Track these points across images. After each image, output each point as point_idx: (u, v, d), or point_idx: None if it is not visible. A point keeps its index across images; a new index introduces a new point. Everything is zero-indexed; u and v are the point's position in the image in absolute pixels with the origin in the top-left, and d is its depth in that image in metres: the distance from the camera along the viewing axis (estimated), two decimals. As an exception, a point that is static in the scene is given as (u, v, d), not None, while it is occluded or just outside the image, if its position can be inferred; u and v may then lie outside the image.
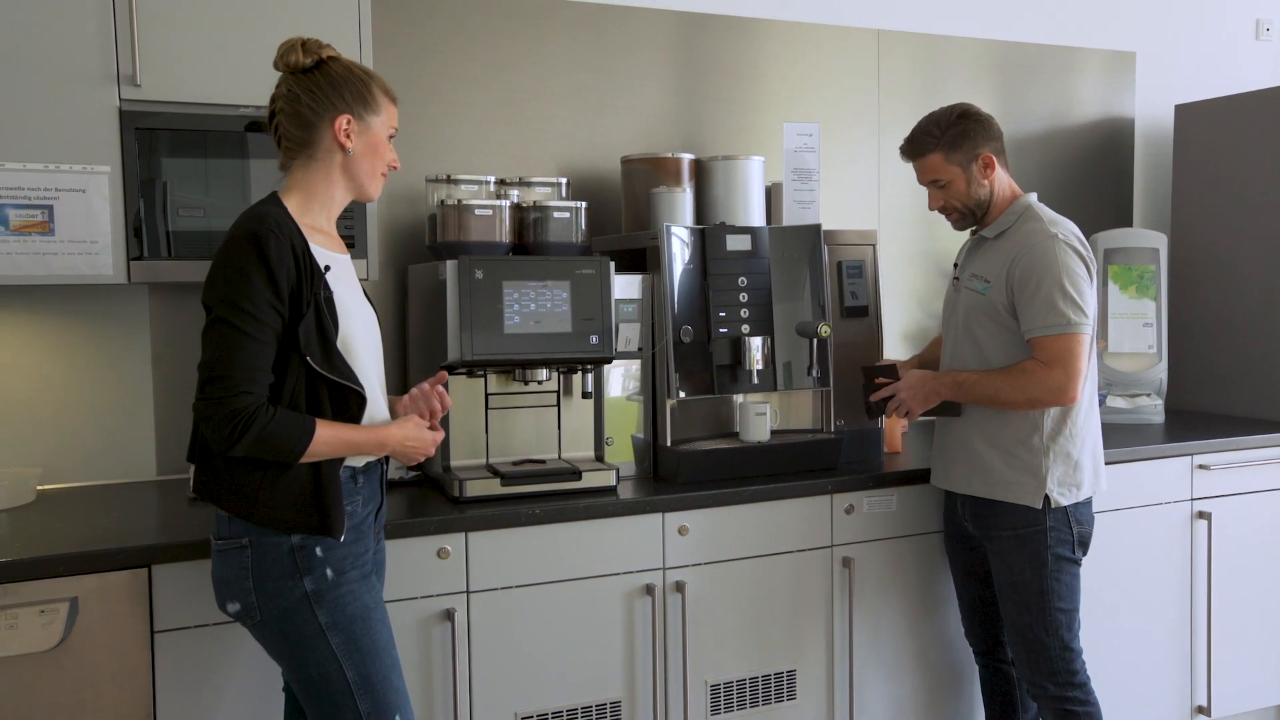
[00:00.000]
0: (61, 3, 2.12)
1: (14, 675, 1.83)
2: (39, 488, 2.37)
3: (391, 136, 1.87)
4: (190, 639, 1.95)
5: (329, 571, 1.73)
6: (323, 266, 1.74)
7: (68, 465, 2.47)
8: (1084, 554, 2.35)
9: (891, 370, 2.45)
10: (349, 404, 1.76)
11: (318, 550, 1.72)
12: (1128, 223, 3.68)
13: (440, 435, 1.87)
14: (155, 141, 2.21)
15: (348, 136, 1.78)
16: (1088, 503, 2.35)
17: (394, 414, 1.91)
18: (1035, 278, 2.22)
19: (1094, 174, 3.64)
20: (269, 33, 2.21)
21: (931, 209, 2.43)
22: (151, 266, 2.22)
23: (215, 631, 1.97)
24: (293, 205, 1.78)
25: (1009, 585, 2.34)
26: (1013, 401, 2.25)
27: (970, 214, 2.39)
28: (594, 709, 2.30)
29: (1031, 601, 2.30)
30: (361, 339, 1.80)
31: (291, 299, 1.69)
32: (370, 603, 1.78)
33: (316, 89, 1.77)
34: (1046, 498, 2.27)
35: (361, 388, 1.77)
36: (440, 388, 1.93)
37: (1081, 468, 2.31)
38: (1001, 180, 2.37)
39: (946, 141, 2.33)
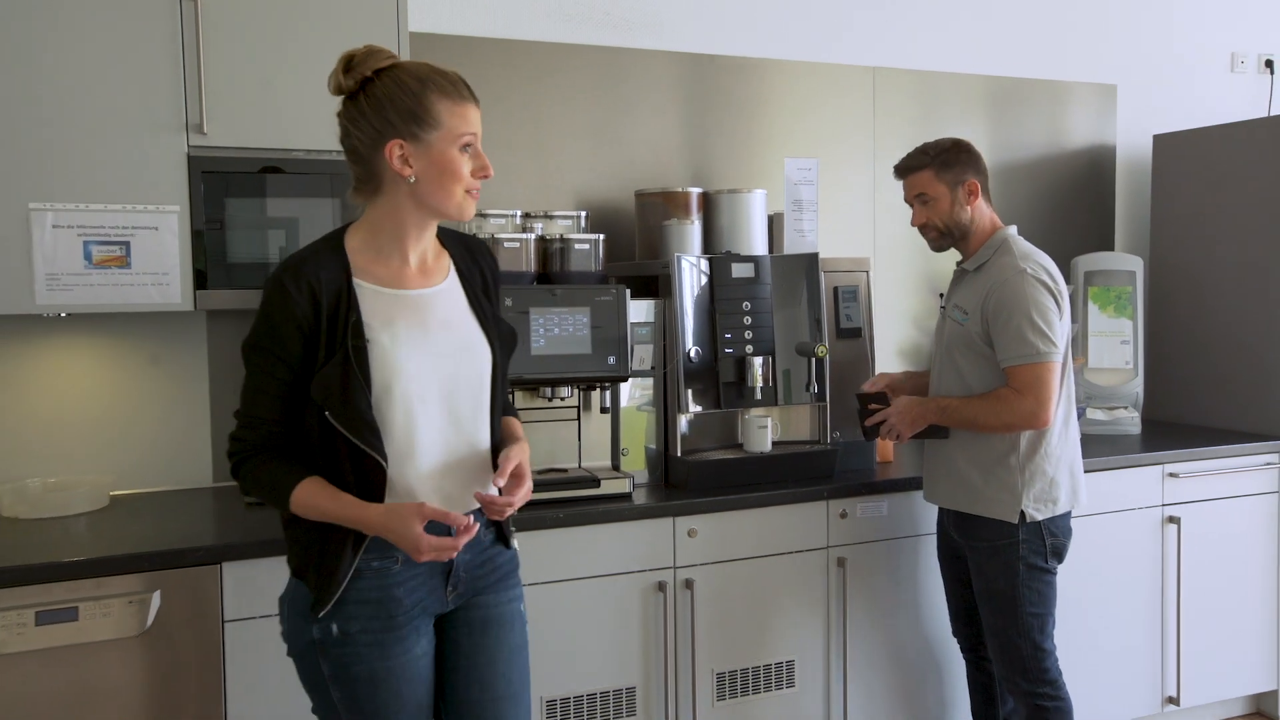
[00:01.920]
0: (138, 60, 2.37)
1: (107, 657, 2.08)
2: (111, 493, 2.62)
3: (467, 144, 1.67)
4: (256, 628, 2.20)
5: (334, 628, 1.67)
6: (364, 310, 1.64)
7: (135, 473, 2.72)
8: (1058, 563, 2.52)
9: (882, 397, 2.59)
10: (366, 468, 1.63)
11: (331, 601, 1.67)
12: (1110, 246, 3.91)
13: (454, 543, 1.60)
14: (218, 183, 2.47)
15: (405, 163, 1.64)
16: (1064, 515, 2.52)
17: (494, 461, 1.75)
18: (1006, 311, 2.39)
19: (1078, 200, 3.87)
20: (316, 82, 2.48)
21: (914, 224, 2.58)
22: (213, 296, 2.47)
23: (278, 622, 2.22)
24: (356, 240, 1.70)
25: (985, 592, 2.53)
26: (990, 426, 2.43)
27: (948, 234, 2.54)
28: (612, 694, 2.54)
29: (1005, 607, 2.49)
30: (412, 391, 1.65)
31: (312, 344, 1.62)
32: (382, 670, 1.66)
33: (361, 117, 1.65)
34: (1022, 513, 2.44)
35: (379, 453, 1.62)
36: (508, 487, 1.71)
37: (1058, 484, 2.48)
38: (983, 211, 2.54)
39: (938, 161, 2.51)
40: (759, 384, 2.75)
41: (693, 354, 2.72)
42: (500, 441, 1.80)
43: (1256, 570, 3.31)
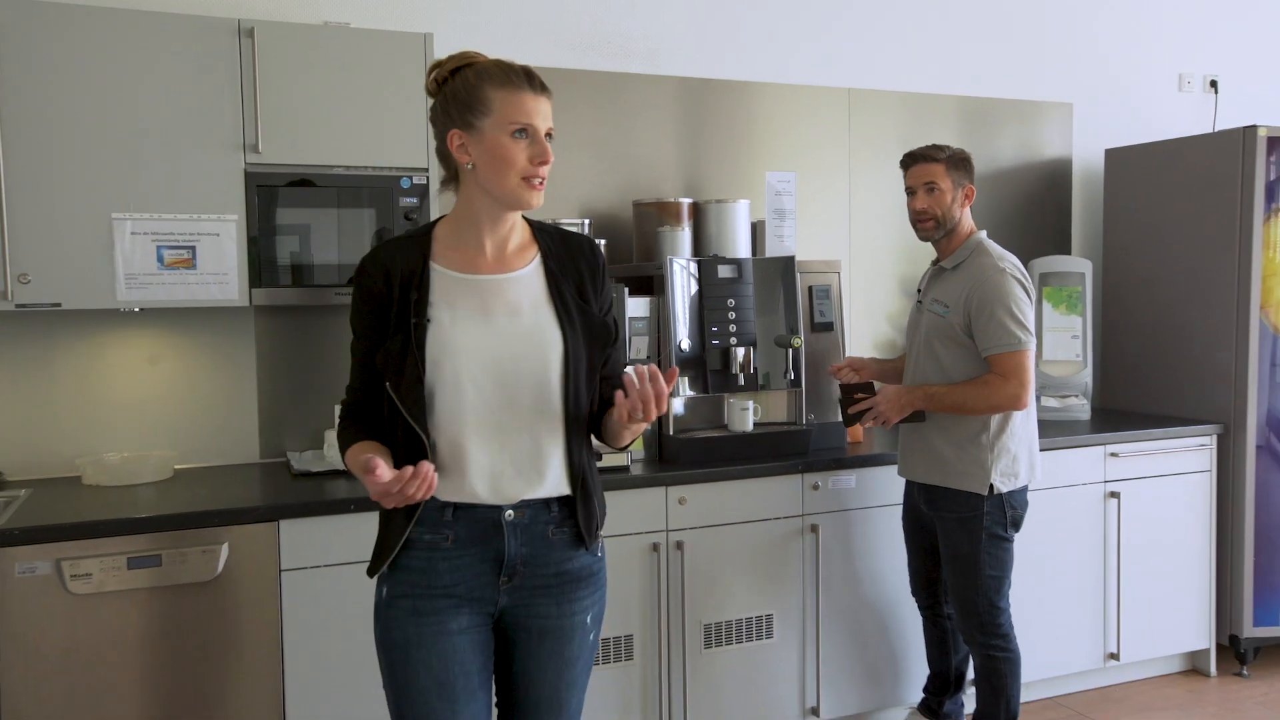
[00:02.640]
0: (204, 89, 2.74)
1: (185, 598, 2.46)
2: (175, 466, 3.00)
3: (522, 129, 1.71)
4: (308, 576, 2.58)
5: (385, 590, 1.78)
6: (432, 291, 1.74)
7: (193, 449, 3.09)
8: (1016, 532, 2.87)
9: (869, 387, 2.88)
10: (414, 437, 1.72)
11: (385, 567, 1.78)
12: (1067, 250, 4.28)
13: (409, 479, 1.58)
14: (270, 195, 2.84)
15: (464, 151, 1.74)
16: (1023, 489, 2.88)
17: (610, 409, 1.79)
18: (990, 305, 2.70)
19: (1038, 207, 4.24)
20: (354, 108, 2.86)
21: (917, 208, 2.85)
22: (266, 293, 2.84)
23: (326, 572, 2.59)
24: (446, 226, 1.83)
25: (951, 556, 2.86)
26: (977, 409, 2.73)
27: (940, 226, 2.84)
28: (613, 641, 2.91)
29: (968, 569, 2.82)
30: (462, 369, 1.72)
31: (384, 319, 1.75)
32: (415, 637, 1.73)
33: (435, 114, 1.79)
34: (991, 485, 2.78)
35: (421, 426, 1.70)
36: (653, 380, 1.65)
37: (1019, 460, 2.83)
38: (967, 215, 2.91)
39: (952, 160, 2.84)
40: (742, 371, 3.12)
41: (683, 345, 3.09)
42: (591, 422, 1.84)
43: (1191, 540, 3.68)
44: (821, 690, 3.16)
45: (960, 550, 2.83)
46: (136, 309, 2.81)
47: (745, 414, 3.14)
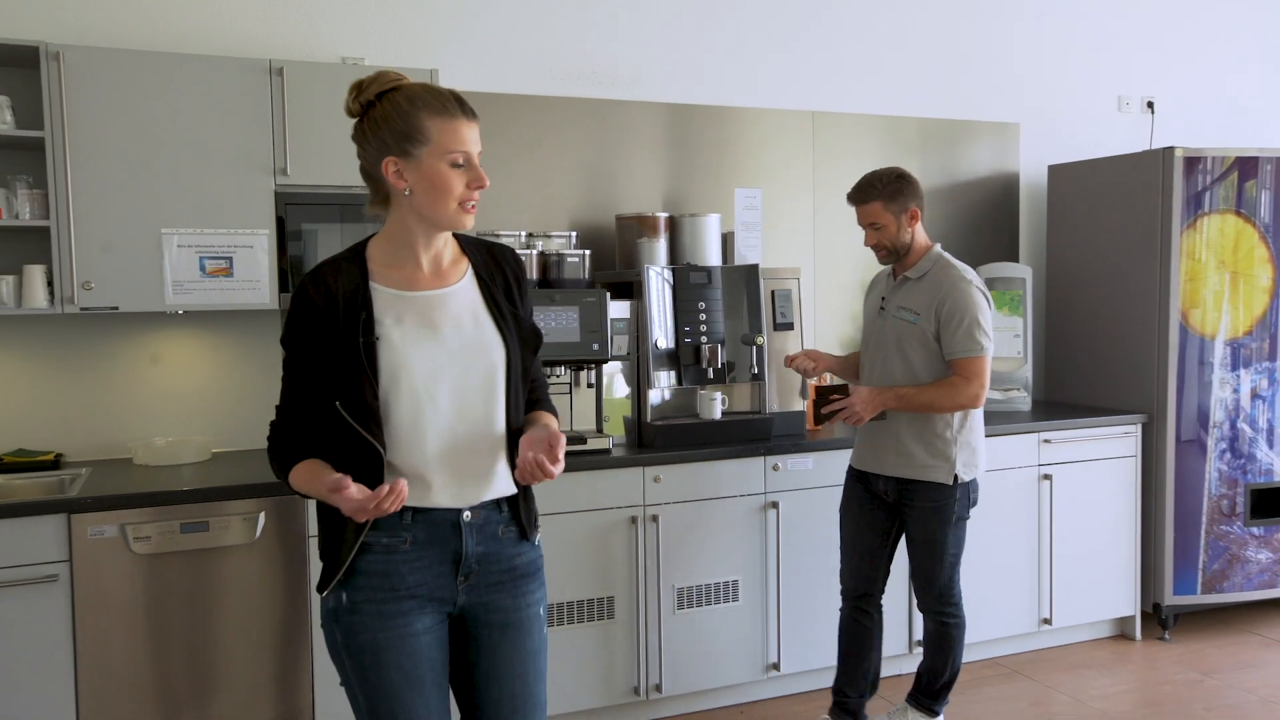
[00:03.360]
0: (239, 120, 3.16)
1: (228, 558, 2.88)
2: (212, 450, 3.41)
3: (457, 159, 1.76)
4: (332, 541, 3.00)
5: (344, 596, 1.79)
6: (376, 309, 1.76)
7: (227, 435, 3.51)
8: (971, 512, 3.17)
9: (843, 389, 3.00)
10: (366, 453, 1.74)
11: (340, 573, 1.78)
12: (1015, 257, 4.70)
13: (371, 498, 1.63)
14: (297, 212, 3.26)
15: (400, 177, 1.76)
16: (977, 477, 3.18)
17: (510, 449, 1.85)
18: (959, 314, 2.91)
19: (989, 218, 4.66)
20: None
21: (866, 245, 3.07)
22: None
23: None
24: (376, 248, 1.84)
25: (924, 541, 3.04)
26: (943, 408, 2.94)
27: (894, 253, 3.03)
28: (597, 601, 3.33)
29: (936, 550, 3.03)
30: (419, 384, 1.76)
31: (328, 340, 1.75)
32: (383, 640, 1.76)
33: (364, 138, 1.79)
34: (955, 475, 2.98)
35: (379, 441, 1.73)
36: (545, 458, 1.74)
37: (977, 452, 3.05)
38: (920, 231, 3.04)
39: (886, 194, 2.97)
40: (710, 366, 3.54)
41: (659, 343, 3.51)
42: (523, 429, 1.87)
43: (1119, 518, 4.10)
44: (781, 648, 3.58)
45: (931, 535, 3.03)
46: (180, 311, 3.23)
47: (714, 403, 3.56)
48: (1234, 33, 5.11)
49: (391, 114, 1.75)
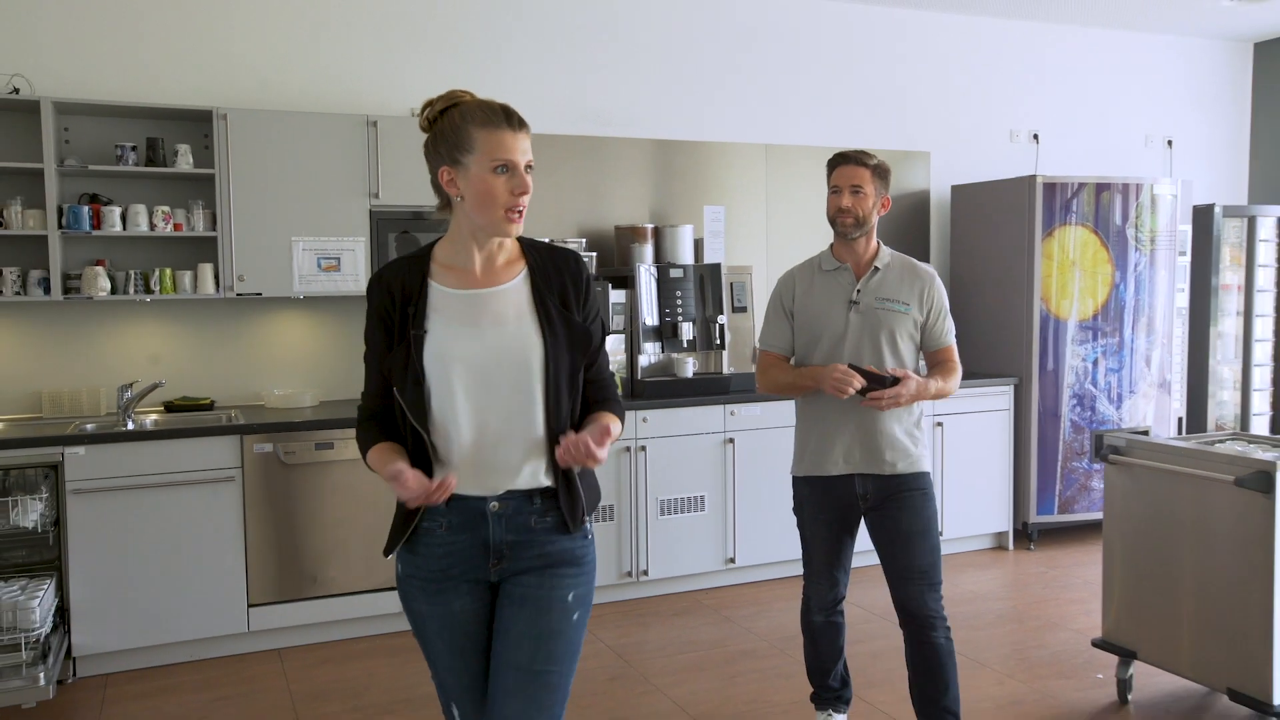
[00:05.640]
0: (345, 157, 4.40)
1: (348, 471, 4.12)
2: (320, 399, 4.66)
3: (503, 165, 1.84)
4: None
5: (400, 568, 1.98)
6: (429, 305, 1.88)
7: (329, 389, 4.75)
8: None
9: (885, 380, 2.79)
10: (418, 440, 1.88)
11: (402, 548, 1.97)
12: (926, 259, 5.96)
13: (434, 489, 1.78)
14: (385, 225, 4.50)
15: (453, 185, 1.88)
16: None
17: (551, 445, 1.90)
18: (943, 303, 2.94)
19: (907, 230, 5.93)
20: (441, 172, 4.54)
21: (841, 205, 2.91)
22: (380, 286, 4.51)
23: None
24: (443, 246, 1.97)
25: (919, 532, 2.86)
26: (947, 394, 2.89)
27: (860, 225, 2.91)
28: (603, 510, 4.58)
29: (933, 539, 2.87)
30: (455, 376, 1.86)
31: (390, 332, 1.89)
32: (426, 611, 1.94)
33: (427, 151, 1.92)
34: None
35: (423, 427, 1.85)
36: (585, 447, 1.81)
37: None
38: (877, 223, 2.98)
39: (878, 169, 2.94)
40: (686, 338, 4.80)
41: (647, 321, 4.76)
42: (580, 429, 1.90)
43: (996, 457, 5.39)
44: (737, 546, 4.85)
45: (927, 524, 2.89)
46: (302, 296, 4.47)
47: (687, 365, 4.82)
48: (1106, 76, 6.40)
49: (448, 127, 1.87)
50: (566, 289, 1.97)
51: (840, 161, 2.98)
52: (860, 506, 2.94)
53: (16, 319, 4.28)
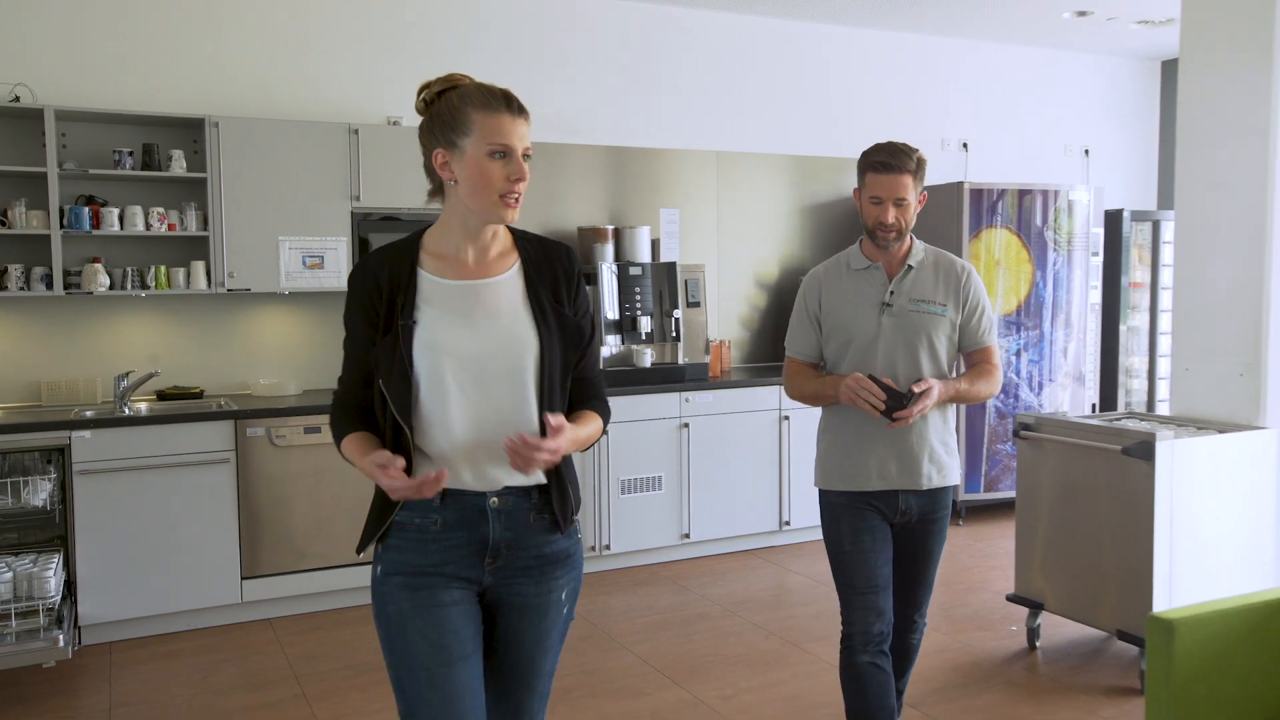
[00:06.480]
0: (328, 163, 4.73)
1: (331, 453, 4.45)
2: (303, 388, 4.98)
3: (500, 150, 1.79)
4: (397, 441, 4.61)
5: (379, 568, 1.88)
6: (418, 295, 1.82)
7: (311, 379, 5.08)
8: None
9: (909, 394, 2.52)
10: (398, 432, 1.81)
11: (380, 546, 1.88)
12: (865, 256, 6.43)
13: (413, 484, 1.71)
14: (366, 226, 4.83)
15: (447, 169, 1.81)
16: None
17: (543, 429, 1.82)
18: (983, 300, 2.66)
19: (844, 231, 6.35)
20: (413, 171, 4.88)
21: (885, 220, 2.57)
22: (360, 282, 4.85)
23: (407, 439, 4.62)
24: (433, 235, 1.90)
25: (939, 551, 2.72)
26: (983, 398, 2.65)
27: (901, 236, 2.60)
28: (567, 487, 4.97)
29: (939, 556, 2.75)
30: (446, 368, 1.80)
31: (375, 321, 1.84)
32: (409, 610, 1.82)
33: (422, 133, 1.86)
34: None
35: (405, 420, 1.79)
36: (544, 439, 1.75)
37: None
38: None
39: (918, 168, 2.57)
40: (645, 330, 5.20)
41: (609, 315, 5.16)
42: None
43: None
44: (691, 522, 5.27)
45: (943, 543, 2.76)
46: (288, 292, 4.79)
47: (645, 356, 5.23)
48: (1030, 91, 6.93)
49: (445, 109, 1.82)
50: (559, 283, 1.94)
51: (881, 170, 2.59)
52: (898, 521, 2.69)
53: (20, 313, 4.55)
